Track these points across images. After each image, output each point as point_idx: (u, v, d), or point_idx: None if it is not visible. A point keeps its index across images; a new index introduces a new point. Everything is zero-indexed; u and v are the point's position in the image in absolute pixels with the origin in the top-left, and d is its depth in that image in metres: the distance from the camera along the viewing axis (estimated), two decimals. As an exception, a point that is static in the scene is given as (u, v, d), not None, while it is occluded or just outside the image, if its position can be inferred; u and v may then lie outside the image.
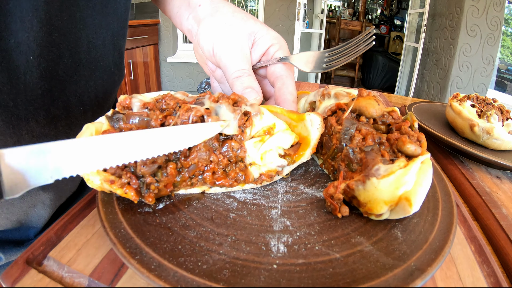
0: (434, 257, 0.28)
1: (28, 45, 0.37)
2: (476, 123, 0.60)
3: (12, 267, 0.29)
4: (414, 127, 0.38)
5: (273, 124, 0.39)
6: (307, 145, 0.40)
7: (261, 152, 0.39)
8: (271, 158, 0.39)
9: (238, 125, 0.36)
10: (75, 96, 0.47)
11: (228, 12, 0.46)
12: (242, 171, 0.38)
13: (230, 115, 0.35)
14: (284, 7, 3.74)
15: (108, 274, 0.28)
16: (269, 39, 0.47)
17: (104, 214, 0.31)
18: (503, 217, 0.43)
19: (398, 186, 0.31)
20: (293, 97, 0.45)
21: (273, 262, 0.28)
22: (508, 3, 2.46)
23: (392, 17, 6.34)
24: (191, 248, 0.28)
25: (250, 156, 0.38)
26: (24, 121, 0.40)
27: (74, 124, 0.48)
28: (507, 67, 2.65)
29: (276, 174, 0.40)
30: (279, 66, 0.47)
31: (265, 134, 0.39)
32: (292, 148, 0.41)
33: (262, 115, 0.39)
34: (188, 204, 0.35)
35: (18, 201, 0.45)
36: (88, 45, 0.46)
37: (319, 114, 0.40)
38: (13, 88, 0.37)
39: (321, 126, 0.40)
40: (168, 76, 3.97)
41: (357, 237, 0.31)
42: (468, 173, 0.55)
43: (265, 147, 0.39)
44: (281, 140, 0.39)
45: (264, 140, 0.38)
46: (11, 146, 0.38)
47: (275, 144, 0.39)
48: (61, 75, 0.43)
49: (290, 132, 0.40)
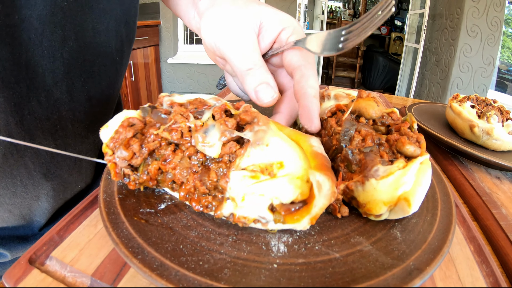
0: (433, 257, 0.28)
1: (31, 23, 0.37)
2: (476, 124, 0.60)
3: (15, 267, 0.29)
4: (413, 128, 0.38)
5: (279, 163, 0.31)
6: (307, 211, 0.30)
7: (246, 192, 0.30)
8: (256, 205, 0.30)
9: (224, 152, 0.31)
10: (79, 80, 0.46)
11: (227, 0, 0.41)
12: (216, 201, 0.32)
13: (216, 137, 0.31)
14: (284, 8, 3.75)
15: (110, 274, 0.28)
16: (279, 23, 0.41)
17: (106, 214, 0.31)
18: (503, 218, 0.43)
19: (397, 187, 0.31)
20: (314, 91, 0.38)
21: (273, 261, 0.28)
22: (508, 4, 2.46)
23: (392, 18, 6.34)
24: (192, 248, 0.29)
25: (232, 189, 0.31)
26: (26, 99, 0.40)
27: (78, 110, 0.47)
28: (508, 68, 2.65)
29: (252, 223, 0.31)
30: (296, 54, 0.40)
31: (262, 172, 0.30)
32: (292, 204, 0.31)
33: (265, 147, 0.31)
34: (189, 204, 0.35)
35: (20, 191, 0.45)
36: (93, 30, 0.45)
37: (330, 177, 0.29)
38: (15, 65, 0.37)
39: (331, 193, 0.29)
40: (168, 77, 3.98)
41: (356, 237, 0.32)
42: (468, 174, 0.55)
43: (255, 189, 0.30)
44: (279, 190, 0.30)
45: (258, 178, 0.30)
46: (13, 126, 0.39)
47: (270, 192, 0.30)
48: (66, 57, 0.43)
49: (298, 184, 0.30)
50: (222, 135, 0.31)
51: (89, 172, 0.56)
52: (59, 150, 0.34)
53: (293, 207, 0.30)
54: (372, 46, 5.76)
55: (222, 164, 0.32)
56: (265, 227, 0.31)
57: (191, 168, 0.32)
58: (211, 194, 0.32)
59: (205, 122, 0.32)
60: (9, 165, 0.42)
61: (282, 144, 0.32)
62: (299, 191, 0.30)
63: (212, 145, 0.31)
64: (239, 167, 0.31)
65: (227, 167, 0.31)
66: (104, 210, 0.32)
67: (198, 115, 0.33)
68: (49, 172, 0.47)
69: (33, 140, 0.43)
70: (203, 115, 0.33)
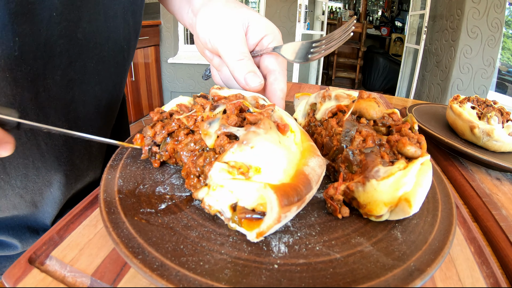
0: (433, 258, 0.28)
1: (52, 2, 0.39)
2: (476, 125, 0.60)
3: (15, 267, 0.29)
4: (414, 129, 0.38)
5: (257, 168, 0.31)
6: (258, 224, 0.29)
7: (219, 184, 0.31)
8: (222, 198, 0.31)
9: (216, 144, 0.34)
10: (91, 62, 0.48)
11: (220, 1, 0.47)
12: (199, 184, 0.35)
13: (215, 129, 0.35)
14: (285, 9, 3.75)
15: (110, 274, 0.28)
16: (263, 28, 0.47)
17: (106, 214, 0.31)
18: (503, 219, 0.43)
19: (397, 188, 0.31)
20: (283, 93, 0.46)
21: (274, 262, 0.28)
22: (509, 5, 2.46)
23: (393, 19, 6.35)
24: (193, 248, 0.29)
25: (211, 177, 0.33)
26: (42, 77, 0.42)
27: (89, 93, 0.49)
28: (508, 69, 2.65)
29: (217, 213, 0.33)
30: (273, 60, 0.47)
31: (238, 170, 0.31)
32: (253, 211, 0.30)
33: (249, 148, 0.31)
34: (189, 204, 0.35)
35: (32, 174, 0.45)
36: (104, 14, 0.47)
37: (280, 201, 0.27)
38: (34, 41, 0.39)
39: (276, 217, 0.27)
40: (169, 77, 3.98)
41: (357, 238, 0.32)
42: (468, 175, 0.55)
43: (227, 184, 0.31)
44: (245, 194, 0.30)
45: (234, 175, 0.31)
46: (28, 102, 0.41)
47: (238, 192, 0.30)
48: (80, 38, 0.44)
49: (263, 195, 0.29)
50: (219, 128, 0.34)
51: (98, 161, 0.58)
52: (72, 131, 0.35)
53: (252, 214, 0.30)
54: (373, 47, 5.76)
55: (212, 154, 0.35)
56: (227, 222, 0.32)
57: (192, 151, 0.37)
58: (199, 178, 0.36)
59: (216, 114, 0.37)
60: (21, 143, 0.42)
61: (270, 152, 0.32)
62: (261, 202, 0.30)
63: (210, 135, 0.35)
64: (222, 160, 0.32)
65: (215, 158, 0.34)
66: (104, 209, 0.32)
67: (213, 108, 0.38)
68: (62, 156, 0.48)
69: (47, 118, 0.44)
70: (218, 107, 0.38)
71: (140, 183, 0.37)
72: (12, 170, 0.43)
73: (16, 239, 0.49)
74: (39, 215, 0.50)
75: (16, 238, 0.49)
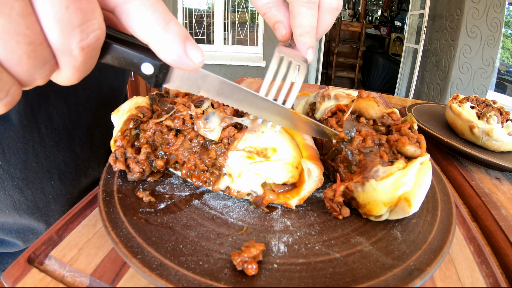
0: (433, 257, 0.28)
1: None
2: (475, 125, 0.60)
3: (14, 267, 0.29)
4: (413, 129, 0.38)
5: (273, 148, 0.35)
6: (297, 193, 0.35)
7: (242, 170, 0.35)
8: (249, 181, 0.36)
9: (223, 136, 0.36)
10: None
11: None
12: (213, 177, 0.37)
13: (216, 123, 0.36)
14: (284, 8, 3.75)
15: (109, 274, 0.28)
16: None
17: (105, 214, 0.31)
18: (502, 218, 0.43)
19: (397, 187, 0.31)
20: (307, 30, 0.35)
21: (273, 261, 0.28)
22: (508, 5, 2.47)
23: (392, 18, 6.35)
24: (192, 248, 0.29)
25: (229, 166, 0.36)
26: None
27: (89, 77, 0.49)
28: (507, 69, 2.66)
29: (246, 196, 0.37)
30: None
31: (258, 154, 0.35)
32: (282, 185, 0.36)
33: (261, 133, 0.35)
34: (189, 204, 0.35)
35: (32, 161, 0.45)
36: None
37: (319, 166, 0.35)
38: None
39: (319, 179, 0.35)
40: (168, 76, 3.98)
41: (356, 237, 0.32)
42: (468, 174, 0.55)
43: (250, 168, 0.35)
44: (273, 172, 0.35)
45: (254, 158, 0.35)
46: None
47: (265, 172, 0.35)
48: None
49: (289, 169, 0.35)
50: (222, 121, 0.36)
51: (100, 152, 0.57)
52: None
53: (284, 188, 0.36)
54: (372, 46, 5.76)
55: (221, 145, 0.37)
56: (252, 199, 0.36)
57: (191, 149, 0.38)
58: (209, 171, 0.37)
59: (205, 110, 0.38)
60: (22, 126, 0.42)
61: (277, 134, 0.36)
62: (290, 175, 0.36)
63: (212, 129, 0.36)
64: (236, 148, 0.35)
65: (225, 148, 0.36)
66: (103, 209, 0.32)
67: (199, 104, 0.39)
68: (61, 141, 0.48)
69: (47, 101, 0.44)
70: (203, 104, 0.39)
71: (139, 183, 0.37)
72: (12, 157, 0.43)
73: (19, 240, 0.48)
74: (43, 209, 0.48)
75: (20, 239, 0.48)
